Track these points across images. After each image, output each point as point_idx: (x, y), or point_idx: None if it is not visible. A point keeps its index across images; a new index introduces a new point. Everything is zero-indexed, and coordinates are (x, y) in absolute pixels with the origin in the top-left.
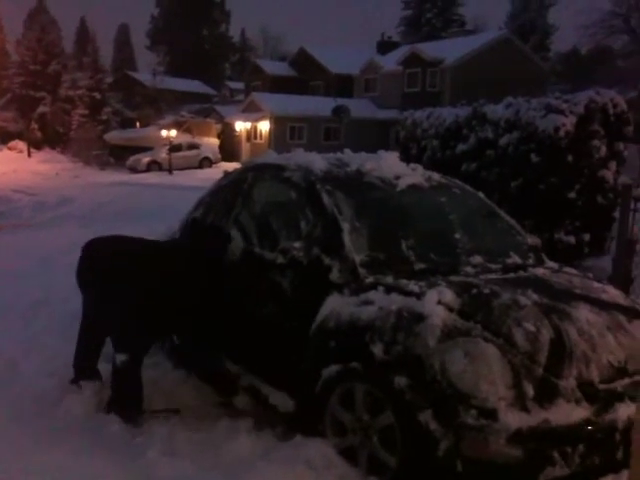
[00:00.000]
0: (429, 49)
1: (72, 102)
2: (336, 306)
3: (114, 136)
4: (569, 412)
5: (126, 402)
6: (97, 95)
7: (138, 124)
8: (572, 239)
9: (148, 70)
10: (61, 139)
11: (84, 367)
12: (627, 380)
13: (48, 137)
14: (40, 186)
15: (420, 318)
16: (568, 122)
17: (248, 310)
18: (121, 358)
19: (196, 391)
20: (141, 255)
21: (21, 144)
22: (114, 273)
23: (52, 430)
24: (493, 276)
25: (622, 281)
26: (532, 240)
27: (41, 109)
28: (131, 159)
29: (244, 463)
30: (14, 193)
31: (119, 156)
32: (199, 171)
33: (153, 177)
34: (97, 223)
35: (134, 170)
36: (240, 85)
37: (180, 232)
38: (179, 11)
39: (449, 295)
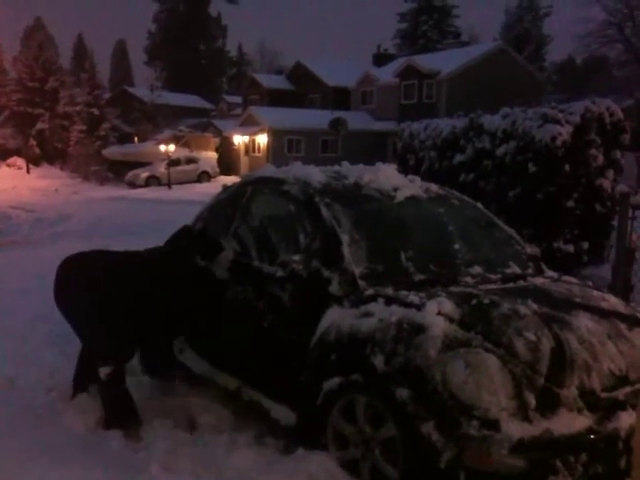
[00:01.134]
0: (425, 61)
1: (70, 118)
2: (336, 318)
3: (112, 151)
4: (571, 421)
5: (122, 414)
6: (95, 111)
7: (136, 139)
8: (571, 248)
9: (146, 85)
10: (60, 155)
11: (82, 382)
12: (628, 388)
13: (47, 153)
14: (39, 202)
15: (420, 329)
16: (565, 131)
17: (248, 324)
18: (105, 371)
19: (197, 405)
20: (126, 262)
21: (20, 161)
22: (97, 283)
23: (52, 446)
24: (493, 286)
25: (622, 289)
26: (531, 249)
27: (39, 125)
28: (130, 174)
29: (245, 477)
30: (12, 210)
31: (118, 171)
32: (198, 185)
33: (152, 192)
34: (95, 238)
35: (133, 185)
36: (237, 99)
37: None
38: (176, 26)
39: (449, 306)
